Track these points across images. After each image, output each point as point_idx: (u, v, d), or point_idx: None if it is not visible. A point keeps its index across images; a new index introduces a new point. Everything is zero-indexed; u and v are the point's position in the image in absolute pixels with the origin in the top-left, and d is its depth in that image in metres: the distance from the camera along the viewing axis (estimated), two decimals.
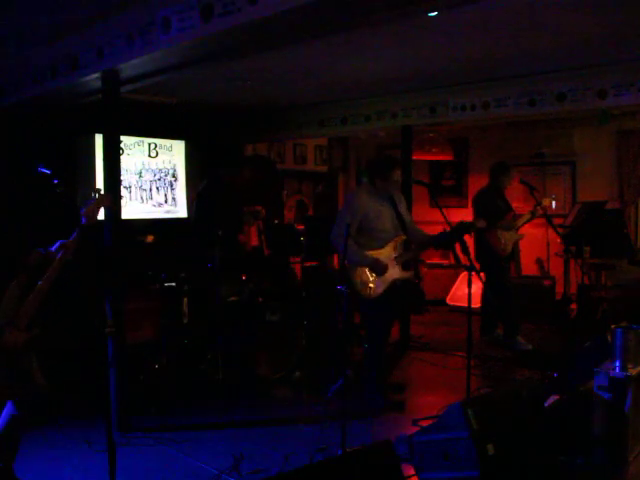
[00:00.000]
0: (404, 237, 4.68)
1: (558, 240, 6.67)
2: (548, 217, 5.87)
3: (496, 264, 6.30)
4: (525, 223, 6.45)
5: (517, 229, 6.40)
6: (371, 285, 4.50)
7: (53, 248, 3.05)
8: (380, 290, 4.53)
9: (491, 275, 6.27)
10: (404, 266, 4.71)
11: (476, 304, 6.47)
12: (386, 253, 4.57)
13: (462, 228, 4.74)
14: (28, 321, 2.91)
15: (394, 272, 4.59)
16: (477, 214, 6.37)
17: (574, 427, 3.39)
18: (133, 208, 7.00)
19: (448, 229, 4.53)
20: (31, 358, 3.05)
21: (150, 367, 5.13)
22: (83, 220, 3.19)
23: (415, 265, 7.49)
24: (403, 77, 5.98)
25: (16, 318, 2.87)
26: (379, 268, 4.47)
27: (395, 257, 4.60)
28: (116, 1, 3.77)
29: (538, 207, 6.23)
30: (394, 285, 4.61)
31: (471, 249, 4.63)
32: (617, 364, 3.42)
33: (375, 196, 4.62)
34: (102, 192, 3.36)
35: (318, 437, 3.87)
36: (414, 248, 4.93)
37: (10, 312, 2.88)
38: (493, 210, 6.22)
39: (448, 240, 4.89)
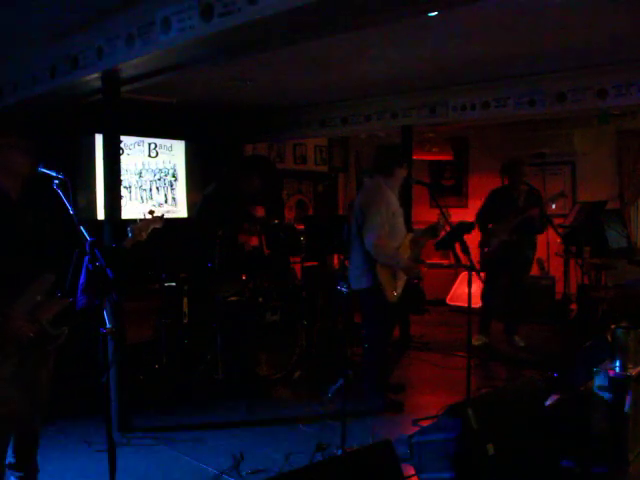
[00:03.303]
0: (411, 235, 4.61)
1: (558, 240, 6.66)
2: (548, 217, 5.85)
3: (490, 266, 6.29)
4: (518, 224, 6.10)
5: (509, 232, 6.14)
6: (395, 291, 4.35)
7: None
8: (397, 293, 4.42)
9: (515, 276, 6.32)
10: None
11: (476, 304, 6.45)
12: (404, 252, 4.43)
13: (462, 228, 4.71)
14: (50, 318, 2.82)
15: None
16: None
17: (574, 427, 3.38)
18: (133, 208, 7.00)
19: (448, 229, 4.49)
20: (45, 363, 2.96)
21: (150, 367, 5.13)
22: (130, 234, 3.22)
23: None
24: (403, 77, 5.98)
25: (38, 311, 2.77)
26: (412, 270, 4.37)
27: (408, 257, 4.45)
28: (116, 1, 3.77)
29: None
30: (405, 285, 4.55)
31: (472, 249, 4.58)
32: (617, 364, 3.43)
33: (391, 191, 4.45)
34: (156, 214, 3.39)
35: (318, 437, 3.87)
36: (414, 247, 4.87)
37: (32, 303, 2.74)
38: (484, 212, 6.32)
39: (449, 239, 4.86)
